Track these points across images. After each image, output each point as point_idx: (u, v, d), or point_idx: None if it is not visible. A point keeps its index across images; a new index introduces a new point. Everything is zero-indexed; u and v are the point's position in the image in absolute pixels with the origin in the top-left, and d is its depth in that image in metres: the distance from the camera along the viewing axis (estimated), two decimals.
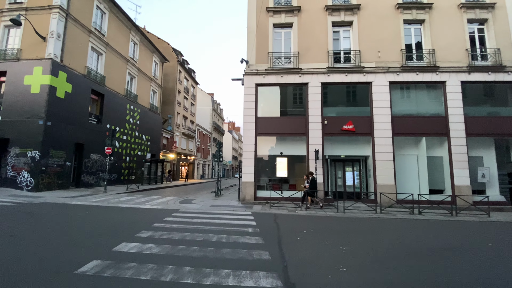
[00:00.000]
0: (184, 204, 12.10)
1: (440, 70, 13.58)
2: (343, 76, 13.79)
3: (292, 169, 13.95)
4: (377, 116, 13.43)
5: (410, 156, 13.77)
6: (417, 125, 13.46)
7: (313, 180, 11.93)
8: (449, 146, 13.24)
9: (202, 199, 14.06)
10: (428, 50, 13.86)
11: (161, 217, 8.47)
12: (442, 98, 13.76)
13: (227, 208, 11.27)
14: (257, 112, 13.88)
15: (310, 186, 11.80)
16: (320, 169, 13.17)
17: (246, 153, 13.47)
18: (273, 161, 13.94)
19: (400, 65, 13.73)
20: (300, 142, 14.03)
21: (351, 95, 14.46)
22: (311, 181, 11.93)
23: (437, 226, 8.78)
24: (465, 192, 12.73)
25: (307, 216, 10.12)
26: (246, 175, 13.28)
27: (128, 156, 23.08)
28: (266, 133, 13.78)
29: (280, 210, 11.12)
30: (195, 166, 43.06)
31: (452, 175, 13.08)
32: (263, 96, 14.31)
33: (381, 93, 13.59)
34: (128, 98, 23.31)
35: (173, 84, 34.94)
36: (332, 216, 10.28)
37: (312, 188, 11.80)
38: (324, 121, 13.52)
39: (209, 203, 12.50)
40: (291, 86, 14.31)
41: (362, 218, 10.09)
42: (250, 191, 13.13)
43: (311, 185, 11.82)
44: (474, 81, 13.61)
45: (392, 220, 9.79)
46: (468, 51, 13.81)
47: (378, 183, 12.99)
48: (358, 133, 13.52)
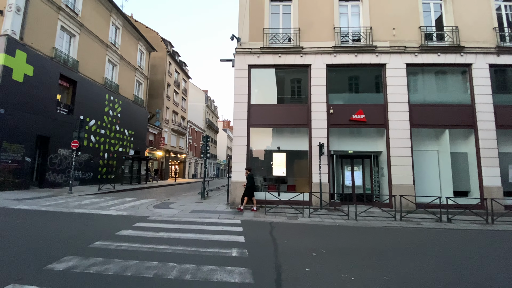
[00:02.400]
0: (158, 209, 9.82)
1: (465, 50, 11.55)
2: (352, 56, 11.67)
3: (291, 167, 11.78)
4: (392, 104, 11.34)
5: (430, 152, 11.72)
6: (438, 116, 11.40)
7: (250, 177, 10.04)
8: (477, 140, 11.22)
9: (184, 203, 11.79)
10: (451, 27, 11.82)
11: (115, 230, 6.20)
12: (467, 84, 11.74)
13: (211, 214, 9.03)
14: (250, 98, 11.67)
15: (247, 185, 9.98)
16: (325, 166, 11.02)
17: (236, 147, 11.25)
18: (269, 157, 11.74)
19: (419, 44, 11.67)
20: (301, 135, 11.87)
21: (361, 80, 12.34)
22: (248, 178, 10.06)
23: (481, 239, 6.69)
24: (496, 194, 10.73)
25: (311, 225, 7.95)
26: (237, 174, 11.06)
27: (107, 152, 20.64)
28: (261, 124, 11.58)
29: (277, 217, 8.93)
30: (186, 165, 40.64)
31: (480, 174, 11.06)
32: (257, 79, 12.10)
33: (396, 77, 11.49)
34: (107, 87, 20.87)
35: (162, 76, 32.49)
36: (342, 225, 8.15)
37: (250, 188, 9.92)
38: (329, 109, 11.37)
39: (190, 208, 10.24)
40: (291, 68, 12.13)
41: (380, 227, 7.97)
42: (241, 193, 10.90)
43: (249, 182, 9.96)
44: (503, 64, 11.61)
45: (419, 230, 7.68)
46: (495, 30, 11.82)
47: (394, 183, 10.90)
48: (369, 124, 11.40)
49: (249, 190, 9.94)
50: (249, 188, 9.94)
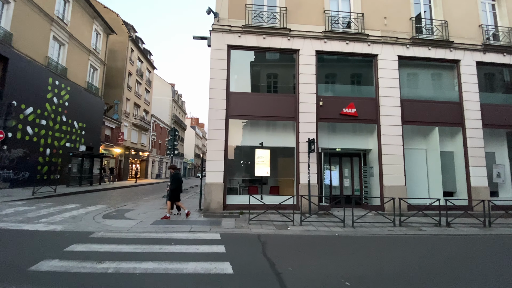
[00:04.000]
0: (109, 220, 7.57)
1: (454, 46, 11.14)
2: (343, 44, 10.53)
3: (275, 166, 10.26)
4: (384, 99, 10.45)
5: (418, 150, 11.10)
6: (429, 112, 10.81)
7: (175, 177, 8.28)
8: (464, 139, 10.86)
9: (145, 210, 9.59)
10: (440, 22, 11.35)
11: (32, 260, 4.03)
12: (455, 81, 11.37)
13: (181, 226, 7.09)
14: (230, 85, 9.87)
15: (171, 187, 8.23)
16: (314, 165, 9.70)
17: (212, 142, 9.38)
18: (250, 154, 10.08)
19: (410, 36, 10.98)
20: (288, 129, 10.44)
21: (352, 71, 11.29)
22: (172, 179, 8.30)
23: (497, 247, 5.81)
24: (483, 194, 10.40)
25: (307, 237, 6.50)
26: (212, 174, 9.21)
27: (49, 147, 17.11)
28: (242, 115, 9.88)
29: (264, 226, 7.32)
30: (149, 164, 37.05)
31: (468, 174, 10.69)
32: (238, 64, 10.36)
33: (388, 69, 10.64)
34: (51, 70, 17.32)
35: (122, 63, 28.86)
36: (342, 234, 6.85)
37: (174, 191, 8.19)
38: (319, 101, 10.09)
39: (152, 217, 8.13)
40: (277, 52, 10.60)
41: (383, 236, 6.85)
42: (217, 197, 9.09)
43: (173, 184, 8.19)
44: (489, 62, 11.46)
45: (428, 239, 6.69)
46: (482, 28, 11.65)
47: (386, 184, 10.00)
48: (361, 119, 10.37)
49: (173, 194, 8.17)
50: (173, 191, 8.16)
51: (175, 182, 8.18)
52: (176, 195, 8.26)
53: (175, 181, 8.20)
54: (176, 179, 8.27)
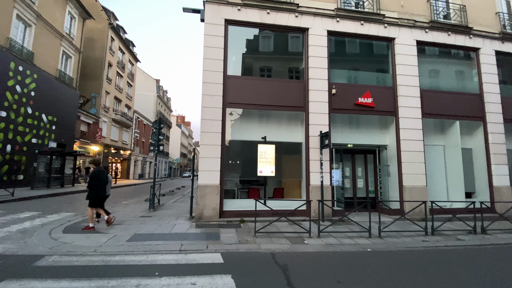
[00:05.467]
0: (71, 235, 5.77)
1: (473, 33, 10.14)
2: (357, 25, 9.20)
3: (280, 164, 8.76)
4: (403, 88, 9.23)
5: (435, 147, 9.98)
6: (449, 104, 9.72)
7: (96, 177, 6.31)
8: (486, 134, 9.87)
9: (122, 217, 7.81)
10: (459, 5, 10.32)
11: None
12: (474, 71, 10.37)
13: (168, 243, 5.41)
14: (227, 67, 8.27)
15: (89, 186, 6.32)
16: (327, 163, 8.29)
17: (206, 136, 7.73)
18: (251, 150, 8.51)
19: (428, 20, 9.85)
20: (294, 121, 8.99)
21: (368, 55, 9.98)
22: (90, 179, 6.36)
23: None
24: (506, 195, 9.47)
25: (334, 254, 5.06)
26: (206, 174, 7.57)
27: (10, 143, 14.69)
28: (241, 104, 8.30)
29: (274, 240, 5.81)
30: (131, 163, 34.50)
31: (489, 172, 9.70)
32: (237, 43, 8.79)
33: (407, 55, 9.43)
34: (14, 53, 14.91)
35: (102, 53, 26.35)
36: (374, 249, 5.48)
37: (95, 193, 6.29)
38: (332, 89, 8.70)
39: (130, 229, 6.39)
40: (283, 32, 9.09)
41: (423, 250, 5.54)
42: (212, 202, 7.46)
43: (91, 185, 6.28)
44: (507, 52, 10.56)
45: (473, 252, 5.43)
46: (498, 15, 10.74)
47: (405, 185, 8.77)
48: (378, 110, 9.09)
49: (92, 196, 6.26)
50: (92, 193, 6.26)
51: (93, 182, 6.22)
52: (97, 200, 6.35)
53: (94, 181, 6.23)
54: (97, 179, 6.27)
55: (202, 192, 7.43)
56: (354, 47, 9.72)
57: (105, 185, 6.56)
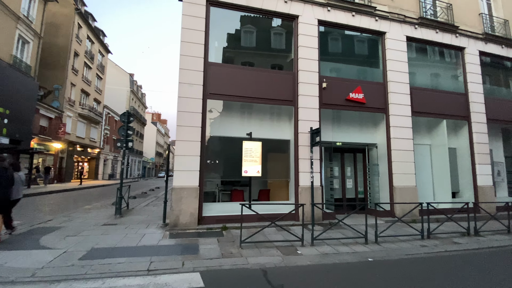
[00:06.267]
0: (6, 253, 4.51)
1: (459, 31, 10.09)
2: (349, 16, 8.68)
3: (266, 163, 7.95)
4: (393, 84, 8.86)
5: (422, 146, 9.76)
6: (436, 103, 9.54)
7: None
8: (470, 134, 9.84)
9: (80, 227, 6.54)
10: (446, 4, 10.22)
11: None
12: (460, 70, 10.34)
13: (133, 258, 4.38)
14: (209, 53, 7.31)
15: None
16: (318, 163, 7.64)
17: (183, 130, 6.71)
18: (235, 148, 7.60)
19: (417, 16, 9.62)
20: (282, 117, 8.25)
21: (359, 49, 9.49)
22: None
23: None
24: (489, 195, 9.50)
25: (333, 266, 4.37)
26: (183, 175, 6.56)
27: None
28: (225, 95, 7.36)
29: (263, 250, 4.99)
30: (100, 163, 31.91)
31: (474, 172, 9.67)
32: (220, 27, 7.84)
33: (397, 50, 9.09)
34: None
35: (66, 41, 23.88)
36: (374, 258, 4.87)
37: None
38: (322, 82, 8.07)
39: (88, 242, 5.23)
40: (271, 17, 8.29)
41: (425, 258, 5.05)
42: (190, 207, 6.46)
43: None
44: (490, 53, 10.70)
45: (475, 257, 5.04)
46: (481, 16, 10.85)
47: (396, 185, 8.39)
48: (368, 106, 8.63)
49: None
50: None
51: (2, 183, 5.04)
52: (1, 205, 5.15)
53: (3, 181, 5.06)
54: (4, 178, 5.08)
55: (178, 195, 6.41)
56: (345, 40, 9.19)
57: (8, 186, 5.17)
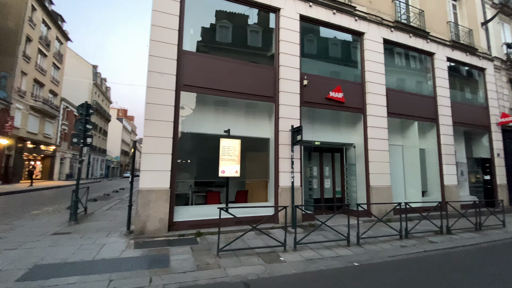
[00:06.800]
0: None
1: (429, 37, 10.54)
2: (330, 13, 8.54)
3: (244, 162, 7.45)
4: (371, 85, 8.92)
5: (394, 147, 9.97)
6: (409, 105, 9.84)
7: None
8: (438, 136, 10.31)
9: (23, 237, 5.48)
10: (418, 10, 10.61)
11: None
12: (429, 75, 10.80)
13: (88, 277, 3.62)
14: (183, 40, 6.62)
15: None
16: (298, 162, 7.35)
17: (153, 125, 5.96)
18: (211, 146, 7.00)
19: (393, 19, 9.84)
20: (261, 114, 7.84)
21: (339, 48, 9.38)
22: None
23: None
24: (454, 194, 10.04)
25: (319, 274, 4.04)
26: (152, 175, 5.81)
27: None
28: (200, 87, 6.71)
29: (243, 259, 4.52)
30: (56, 161, 28.85)
31: (441, 172, 10.14)
32: (196, 15, 7.17)
33: (374, 51, 9.18)
34: None
35: (17, 23, 21.11)
36: (360, 262, 4.69)
37: None
38: (303, 79, 7.80)
39: (31, 256, 4.30)
40: (252, 7, 7.80)
41: (408, 259, 5.01)
42: (159, 211, 5.74)
43: None
44: (456, 60, 11.35)
45: (456, 255, 5.10)
46: (449, 25, 11.48)
47: (372, 185, 8.43)
48: (347, 106, 8.57)
49: None
50: None
51: None
52: None
53: None
54: None
55: (145, 198, 5.66)
56: (326, 38, 9.02)
57: None
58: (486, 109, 11.91)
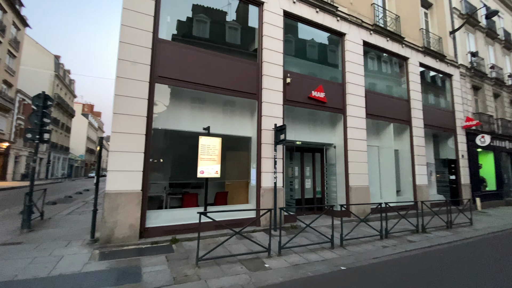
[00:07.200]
0: None
1: (404, 42, 10.93)
2: (313, 11, 8.43)
3: (223, 162, 7.03)
4: (351, 86, 8.97)
5: (371, 147, 10.20)
6: (385, 107, 10.09)
7: None
8: (411, 137, 10.71)
9: None
10: (394, 15, 10.95)
11: None
12: (404, 78, 11.19)
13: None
14: (159, 28, 6.05)
15: None
16: (281, 162, 7.11)
17: (123, 119, 5.33)
18: (188, 144, 6.51)
19: (372, 23, 10.02)
20: (244, 111, 7.47)
21: (321, 48, 9.28)
22: None
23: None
24: (425, 193, 10.51)
25: (305, 281, 3.79)
26: (121, 176, 5.19)
27: None
28: (178, 80, 6.17)
29: (225, 267, 4.16)
30: (10, 160, 25.89)
31: (414, 172, 10.55)
32: (174, 2, 6.61)
33: (355, 53, 9.26)
34: None
35: None
36: (345, 264, 4.59)
37: None
38: (286, 77, 7.58)
39: None
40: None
41: (391, 261, 4.97)
42: (129, 216, 5.14)
43: None
44: (427, 65, 11.89)
45: (433, 254, 5.16)
46: (422, 31, 12.02)
47: (352, 185, 8.47)
48: (329, 106, 8.52)
49: None
50: None
51: None
52: None
53: None
54: None
55: (113, 202, 5.02)
56: (309, 38, 8.89)
57: None
58: (453, 113, 12.67)
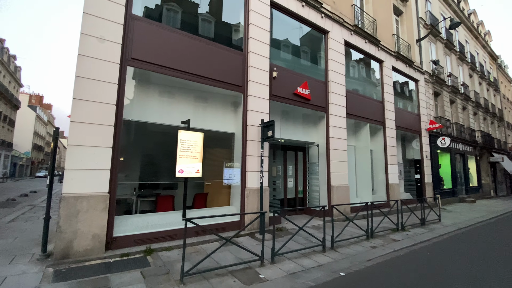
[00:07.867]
0: None
1: (380, 45, 11.26)
2: (298, 4, 8.14)
3: (204, 161, 6.35)
4: (333, 85, 8.89)
5: (349, 147, 10.26)
6: (363, 108, 10.26)
7: None
8: (385, 138, 11.08)
9: None
10: (372, 18, 11.23)
11: None
12: (379, 81, 11.53)
13: None
14: (132, 2, 5.17)
15: None
16: (267, 160, 6.66)
17: (86, 106, 4.39)
18: (164, 139, 5.71)
19: (352, 23, 10.10)
20: (226, 105, 6.85)
21: (306, 43, 9.01)
22: None
23: None
24: (397, 191, 10.96)
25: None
26: (83, 176, 4.26)
27: None
28: (153, 64, 5.32)
29: (215, 283, 3.56)
30: None
31: (387, 171, 10.91)
32: None
33: (337, 52, 9.21)
34: None
35: None
36: (343, 269, 4.36)
37: None
38: (273, 71, 7.15)
39: None
40: None
41: (384, 262, 4.81)
42: (93, 223, 4.23)
43: None
44: (398, 69, 12.45)
45: (420, 252, 5.16)
46: (394, 37, 12.55)
47: (333, 184, 8.38)
48: (313, 104, 8.30)
49: None
50: None
51: None
52: None
53: None
54: None
55: (72, 208, 4.09)
56: (295, 33, 8.56)
57: None
58: (418, 116, 13.48)
